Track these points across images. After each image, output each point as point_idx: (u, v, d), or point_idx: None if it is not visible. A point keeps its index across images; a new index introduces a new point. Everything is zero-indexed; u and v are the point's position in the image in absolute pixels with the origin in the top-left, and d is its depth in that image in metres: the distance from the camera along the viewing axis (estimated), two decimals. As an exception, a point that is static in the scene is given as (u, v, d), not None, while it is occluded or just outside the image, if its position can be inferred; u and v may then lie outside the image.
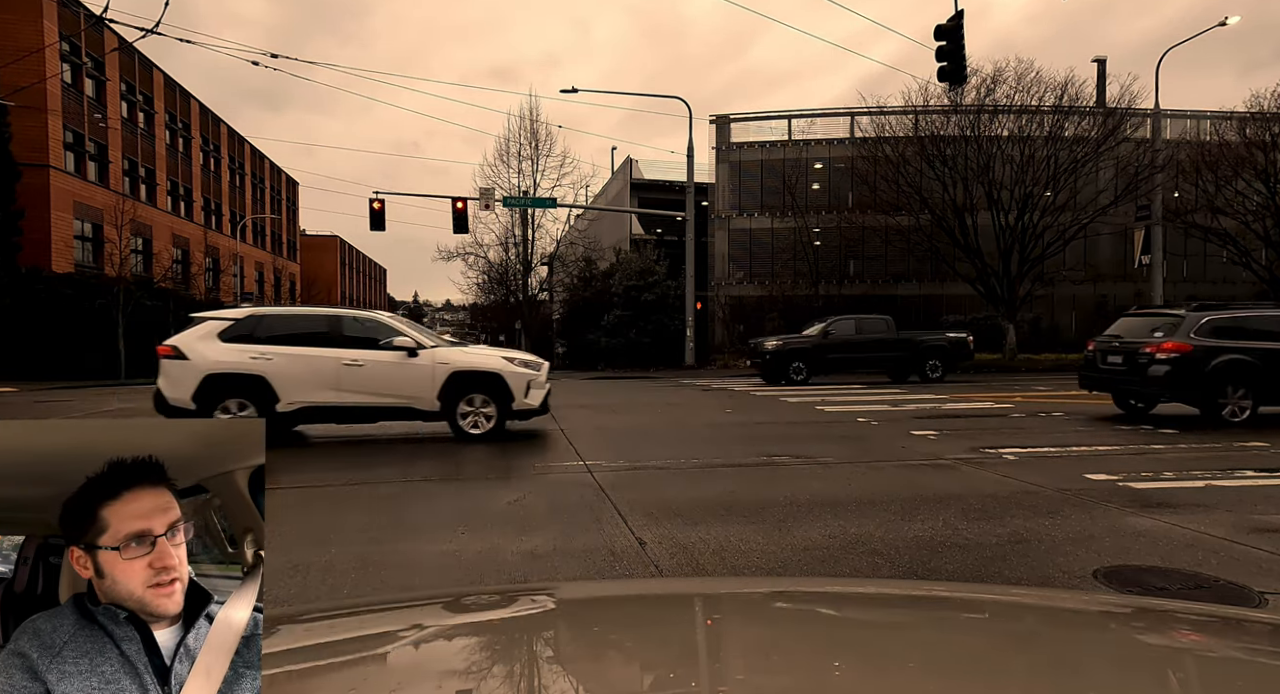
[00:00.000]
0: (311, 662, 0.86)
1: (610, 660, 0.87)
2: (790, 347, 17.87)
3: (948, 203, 26.34)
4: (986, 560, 3.90)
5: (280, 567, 3.74)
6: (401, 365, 8.44)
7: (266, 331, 8.51)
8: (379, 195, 24.35)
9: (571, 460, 7.05)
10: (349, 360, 8.36)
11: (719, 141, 35.44)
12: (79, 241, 30.08)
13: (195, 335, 8.49)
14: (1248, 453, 7.25)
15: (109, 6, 31.26)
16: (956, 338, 18.56)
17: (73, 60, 29.89)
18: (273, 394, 8.23)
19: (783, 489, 5.63)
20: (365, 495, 5.71)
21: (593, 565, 3.88)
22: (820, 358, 17.54)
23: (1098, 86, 30.32)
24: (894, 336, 17.92)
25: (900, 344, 17.88)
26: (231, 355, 8.29)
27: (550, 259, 38.61)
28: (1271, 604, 3.31)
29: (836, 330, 18.01)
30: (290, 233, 58.60)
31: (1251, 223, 27.21)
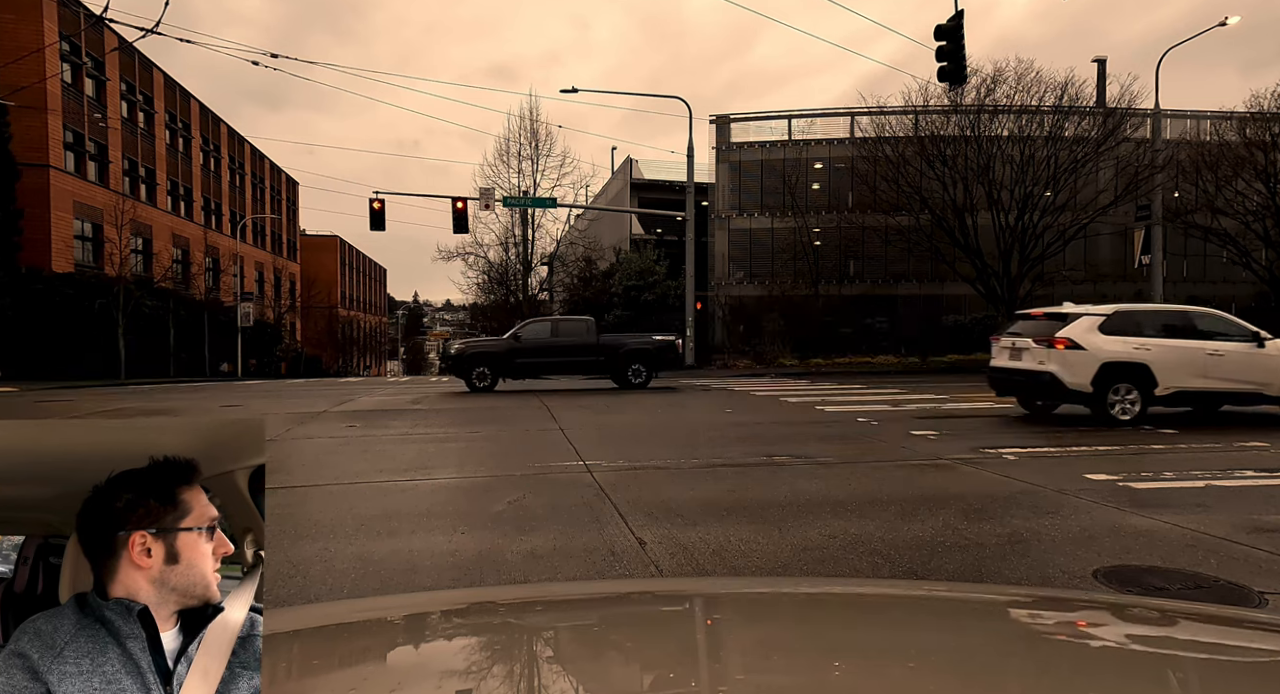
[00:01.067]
0: (311, 662, 0.86)
1: (610, 660, 0.87)
2: (475, 350, 17.40)
3: (948, 203, 26.34)
4: (986, 560, 3.90)
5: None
6: (1251, 355, 9.49)
7: (1135, 325, 9.64)
8: (379, 195, 24.36)
9: (571, 460, 7.05)
10: (1211, 351, 9.43)
11: (719, 141, 35.44)
12: (79, 241, 30.07)
13: (1081, 328, 9.45)
14: (1247, 453, 7.26)
15: (109, 6, 31.25)
16: (663, 341, 18.00)
17: (73, 60, 29.88)
18: (1153, 380, 9.31)
19: (783, 489, 5.63)
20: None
21: (593, 565, 3.88)
22: (509, 362, 16.98)
23: (1098, 86, 30.32)
24: (593, 341, 17.38)
25: (598, 349, 17.37)
26: (1117, 346, 9.34)
27: (550, 259, 38.64)
28: (1271, 604, 3.31)
29: (528, 334, 17.46)
30: (290, 233, 58.61)
31: (1251, 223, 27.21)
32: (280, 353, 42.27)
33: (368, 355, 75.67)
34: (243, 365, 35.19)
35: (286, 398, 16.08)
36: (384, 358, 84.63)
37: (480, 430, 9.65)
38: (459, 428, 9.93)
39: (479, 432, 9.53)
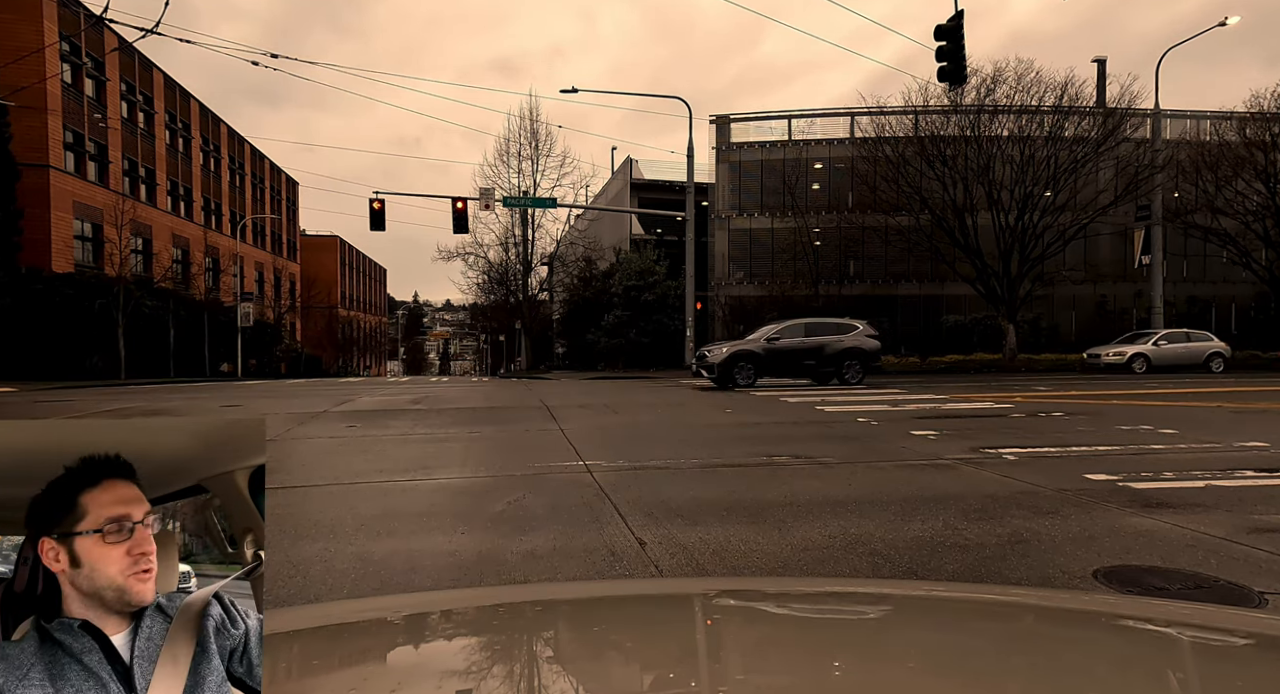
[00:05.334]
0: (311, 662, 0.86)
1: (610, 660, 0.87)
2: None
3: (948, 203, 26.35)
4: (986, 560, 3.90)
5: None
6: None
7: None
8: (379, 195, 24.39)
9: (571, 460, 7.04)
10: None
11: (719, 141, 35.44)
12: (79, 241, 30.08)
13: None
14: (1248, 453, 7.25)
15: (109, 6, 31.25)
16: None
17: (73, 60, 29.89)
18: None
19: (783, 489, 5.63)
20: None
21: (593, 565, 3.88)
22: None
23: (1098, 86, 30.32)
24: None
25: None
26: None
27: (550, 259, 38.67)
28: (1271, 604, 3.31)
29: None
30: (290, 233, 58.61)
31: (1251, 223, 27.21)
32: (280, 353, 42.27)
33: (368, 355, 75.74)
34: (243, 365, 35.19)
35: (286, 398, 16.08)
36: (384, 358, 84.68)
37: (480, 430, 9.65)
38: (459, 428, 9.93)
39: (479, 432, 9.53)
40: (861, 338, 17.94)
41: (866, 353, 17.92)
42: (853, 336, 17.89)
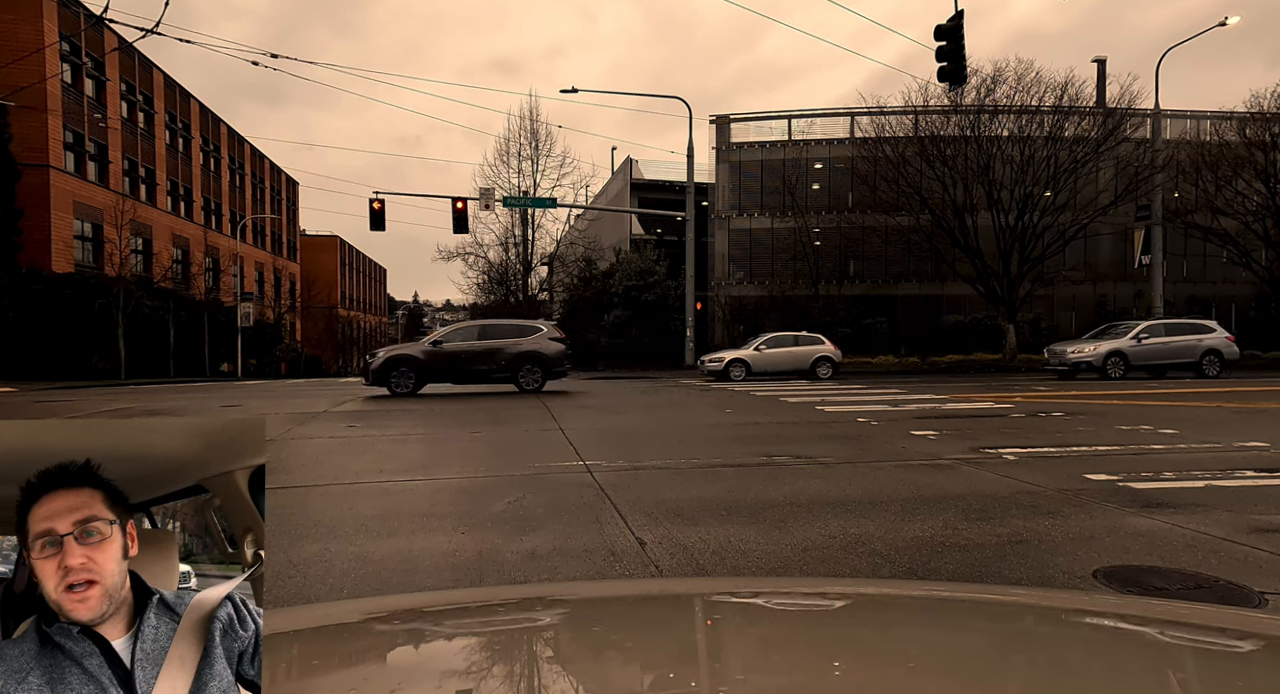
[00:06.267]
0: (311, 662, 0.86)
1: (610, 660, 0.87)
2: None
3: (948, 203, 26.35)
4: (986, 560, 3.90)
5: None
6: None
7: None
8: (379, 195, 24.39)
9: (571, 460, 7.04)
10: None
11: (719, 141, 35.45)
12: (79, 241, 30.08)
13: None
14: (1248, 453, 7.25)
15: (109, 6, 31.24)
16: None
17: (73, 60, 29.88)
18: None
19: (783, 489, 5.63)
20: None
21: (593, 566, 3.88)
22: None
23: (1098, 86, 30.32)
24: None
25: None
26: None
27: (550, 259, 38.66)
28: (1271, 604, 3.31)
29: None
30: (290, 233, 58.62)
31: (1251, 223, 27.21)
32: (280, 353, 42.28)
33: (368, 355, 75.66)
34: (242, 365, 35.20)
35: (286, 398, 16.08)
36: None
37: (480, 431, 9.65)
38: (459, 428, 9.93)
39: (479, 432, 9.53)
40: (543, 341, 16.63)
41: (547, 358, 16.52)
42: (533, 340, 16.54)
